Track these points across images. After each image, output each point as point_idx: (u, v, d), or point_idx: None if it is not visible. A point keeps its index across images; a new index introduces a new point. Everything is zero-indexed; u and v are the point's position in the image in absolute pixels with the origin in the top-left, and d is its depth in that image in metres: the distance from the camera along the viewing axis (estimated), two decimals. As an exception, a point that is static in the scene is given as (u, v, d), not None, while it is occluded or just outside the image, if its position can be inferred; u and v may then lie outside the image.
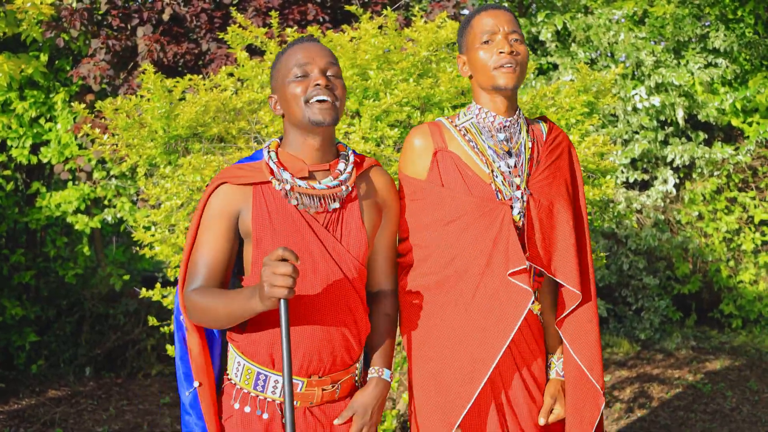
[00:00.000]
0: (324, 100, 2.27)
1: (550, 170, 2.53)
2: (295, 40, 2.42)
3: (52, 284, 7.07)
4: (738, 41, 7.56)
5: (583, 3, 7.80)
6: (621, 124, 7.51)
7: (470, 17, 2.54)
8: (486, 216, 2.42)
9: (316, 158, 2.35)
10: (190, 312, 2.27)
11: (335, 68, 2.34)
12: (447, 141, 2.51)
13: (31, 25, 5.68)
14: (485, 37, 2.45)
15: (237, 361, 2.34)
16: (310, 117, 2.27)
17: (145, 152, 4.02)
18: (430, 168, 2.49)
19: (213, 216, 2.29)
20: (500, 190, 2.45)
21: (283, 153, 2.36)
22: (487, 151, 2.48)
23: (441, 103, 3.75)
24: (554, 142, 2.59)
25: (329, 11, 5.86)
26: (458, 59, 2.59)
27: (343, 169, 2.36)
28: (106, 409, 5.99)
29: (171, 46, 5.45)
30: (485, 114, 2.51)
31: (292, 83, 2.30)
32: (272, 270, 2.01)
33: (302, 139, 2.33)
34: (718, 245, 8.20)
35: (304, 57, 2.31)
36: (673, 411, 5.99)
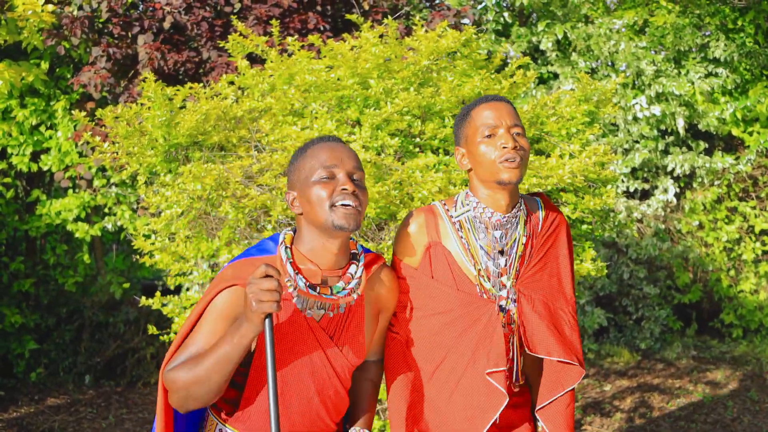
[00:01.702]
0: (349, 206, 2.20)
1: (540, 264, 2.51)
2: (320, 138, 2.34)
3: (52, 292, 7.06)
4: (738, 51, 7.57)
5: (583, 12, 7.82)
6: (621, 134, 7.51)
7: (469, 109, 2.48)
8: (473, 312, 2.42)
9: (331, 263, 2.29)
10: (172, 390, 2.16)
11: (361, 173, 2.28)
12: (441, 235, 2.48)
13: (32, 32, 5.69)
14: (487, 131, 2.40)
15: (218, 428, 2.31)
16: (334, 221, 2.19)
17: (145, 160, 4.01)
18: (422, 258, 2.47)
19: (217, 314, 2.20)
20: (485, 290, 2.44)
21: (297, 253, 2.29)
22: (478, 252, 2.46)
23: (441, 112, 3.75)
24: (549, 229, 2.56)
25: (330, 20, 5.86)
26: (456, 151, 2.52)
27: (353, 273, 2.31)
28: (106, 417, 5.97)
29: (172, 55, 5.45)
30: (482, 209, 2.47)
31: (318, 185, 2.22)
32: (258, 287, 1.99)
33: (320, 242, 2.27)
34: (719, 255, 8.20)
35: (330, 159, 2.24)
36: (674, 421, 5.97)
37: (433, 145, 3.77)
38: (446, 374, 2.44)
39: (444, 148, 3.77)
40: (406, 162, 3.57)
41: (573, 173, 3.47)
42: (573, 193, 3.73)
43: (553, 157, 3.61)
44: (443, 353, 2.44)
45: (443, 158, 3.62)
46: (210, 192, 3.65)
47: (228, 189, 3.62)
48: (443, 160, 3.61)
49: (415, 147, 3.76)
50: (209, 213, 3.83)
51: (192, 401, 2.14)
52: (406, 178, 3.41)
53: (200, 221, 3.90)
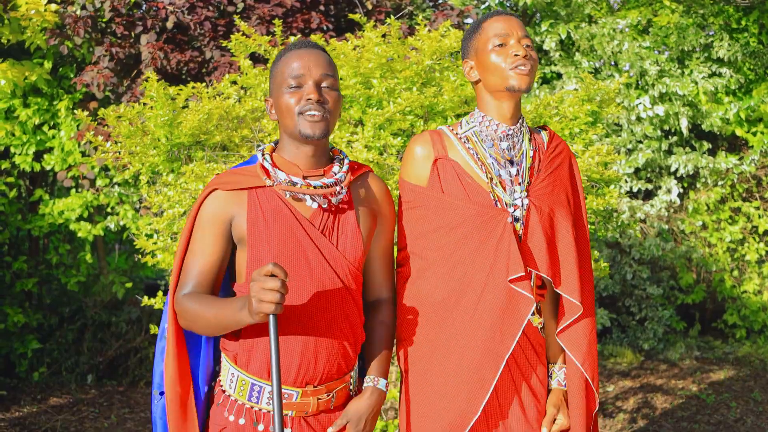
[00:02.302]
0: (315, 114, 2.26)
1: (550, 178, 2.52)
2: (294, 44, 2.39)
3: (55, 292, 7.06)
4: (742, 51, 7.55)
5: (587, 12, 7.80)
6: (625, 134, 7.50)
7: (480, 21, 2.53)
8: (487, 223, 2.41)
9: (310, 164, 2.35)
10: (180, 316, 2.26)
11: (330, 79, 2.32)
12: (448, 149, 2.50)
13: (35, 32, 5.69)
14: (498, 41, 2.44)
15: (231, 372, 2.31)
16: (301, 130, 2.27)
17: (147, 160, 4.01)
18: (431, 175, 2.48)
19: (206, 222, 2.28)
20: (499, 199, 2.44)
21: (278, 157, 2.36)
22: (488, 160, 2.47)
23: (444, 111, 3.75)
24: (555, 150, 2.58)
25: (333, 20, 5.86)
26: (464, 63, 2.57)
27: (337, 171, 2.36)
28: (108, 417, 5.97)
29: (174, 54, 5.45)
30: (488, 122, 2.50)
31: (286, 94, 2.30)
32: (261, 285, 1.99)
33: (295, 147, 2.34)
34: (722, 255, 8.18)
35: (299, 67, 2.29)
36: (677, 422, 5.96)
37: (435, 144, 3.75)
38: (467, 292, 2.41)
39: (447, 148, 3.76)
40: (409, 162, 3.56)
41: (576, 173, 3.46)
42: (576, 193, 3.72)
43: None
44: (461, 270, 2.42)
45: (446, 158, 3.61)
46: (212, 192, 3.64)
47: (230, 189, 3.61)
48: (446, 160, 3.60)
49: (417, 147, 3.75)
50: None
51: (197, 329, 2.25)
52: (408, 178, 3.40)
53: (202, 221, 3.89)
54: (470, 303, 2.41)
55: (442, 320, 2.44)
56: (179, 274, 2.30)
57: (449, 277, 2.43)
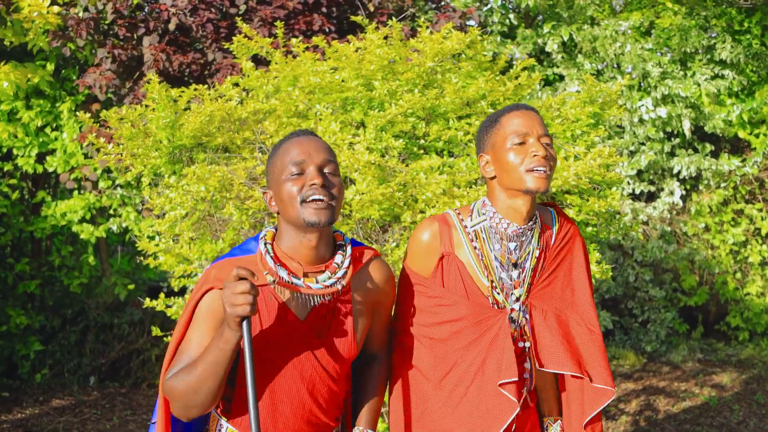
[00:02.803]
0: (320, 200, 2.17)
1: (552, 277, 2.51)
2: (291, 134, 2.31)
3: (57, 293, 7.07)
4: (745, 53, 7.55)
5: (589, 14, 7.80)
6: (627, 136, 7.49)
7: (498, 116, 2.45)
8: (483, 323, 2.41)
9: (311, 258, 2.25)
10: (173, 400, 2.16)
11: (333, 165, 2.24)
12: (455, 245, 2.46)
13: (38, 34, 5.70)
14: (517, 139, 2.37)
15: (219, 424, 2.31)
16: (306, 218, 2.17)
17: (149, 162, 4.01)
18: (435, 269, 2.46)
19: (204, 315, 2.21)
20: (497, 302, 2.44)
21: (278, 250, 2.27)
22: (493, 262, 2.44)
23: (446, 114, 3.74)
24: (562, 242, 2.54)
25: (335, 21, 5.86)
26: (480, 158, 2.48)
27: (340, 263, 2.28)
28: (110, 419, 5.97)
29: (177, 56, 5.46)
30: (499, 220, 2.44)
31: (288, 182, 2.20)
32: (231, 291, 1.99)
33: (298, 240, 2.24)
34: (725, 257, 8.17)
35: (300, 154, 2.21)
36: (680, 424, 5.94)
37: (437, 146, 3.76)
38: (453, 384, 2.43)
39: (448, 150, 3.76)
40: (411, 164, 3.56)
41: (578, 175, 3.45)
42: (578, 196, 3.71)
43: (558, 159, 3.59)
44: (451, 362, 2.43)
45: (447, 160, 3.61)
46: (214, 194, 3.65)
47: (232, 191, 3.61)
48: (447, 162, 3.60)
49: (419, 149, 3.75)
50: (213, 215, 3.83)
51: (192, 409, 2.14)
52: (410, 180, 3.40)
53: (204, 223, 3.89)
54: (456, 396, 2.42)
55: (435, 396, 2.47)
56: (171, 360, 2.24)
57: (441, 363, 2.44)
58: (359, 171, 3.40)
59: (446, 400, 2.43)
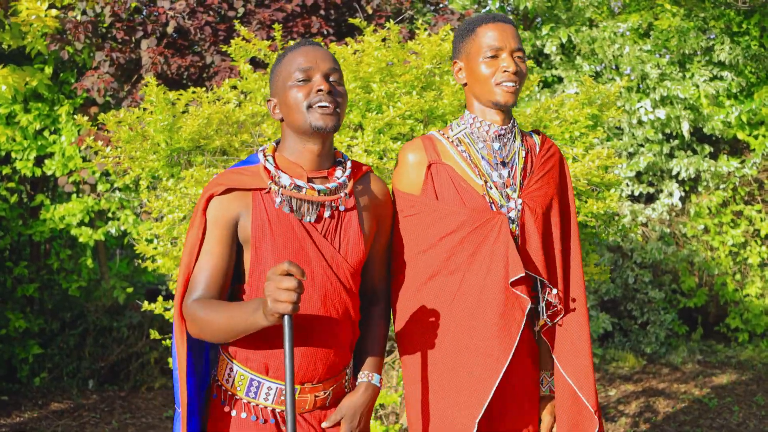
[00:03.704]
0: (326, 106, 2.23)
1: (543, 180, 2.51)
2: (296, 43, 2.35)
3: (56, 297, 7.06)
4: (743, 54, 7.55)
5: (587, 16, 7.80)
6: (626, 137, 7.50)
7: (474, 25, 2.47)
8: (483, 227, 2.39)
9: (314, 164, 2.31)
10: (189, 324, 2.19)
11: (337, 74, 2.30)
12: (440, 153, 2.47)
13: (36, 37, 5.69)
14: (490, 52, 2.41)
15: (229, 367, 2.30)
16: (312, 122, 2.22)
17: (147, 165, 4.01)
18: (425, 182, 2.46)
19: (212, 223, 2.24)
20: (494, 201, 2.43)
21: (280, 158, 2.32)
22: (481, 162, 2.45)
23: (444, 116, 3.74)
24: (548, 152, 2.57)
25: (333, 24, 5.86)
26: (453, 64, 2.53)
27: (340, 176, 2.33)
28: (109, 422, 5.96)
29: (175, 59, 5.45)
30: (480, 123, 2.48)
31: (294, 87, 2.25)
32: (276, 285, 1.94)
33: (302, 145, 2.29)
34: (724, 259, 8.17)
35: (306, 61, 2.26)
36: (679, 426, 5.94)
37: (435, 149, 3.75)
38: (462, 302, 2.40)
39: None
40: (409, 166, 3.55)
41: (576, 177, 3.45)
42: (576, 197, 3.71)
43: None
44: (459, 276, 2.40)
45: (446, 162, 3.60)
46: (212, 196, 3.64)
47: (230, 193, 3.60)
48: (446, 164, 3.59)
49: (417, 151, 3.74)
50: (211, 217, 3.82)
51: (207, 337, 2.19)
52: (408, 182, 3.39)
53: (202, 226, 3.88)
54: (469, 309, 2.39)
55: (443, 328, 2.42)
56: (186, 281, 2.25)
57: (447, 283, 2.42)
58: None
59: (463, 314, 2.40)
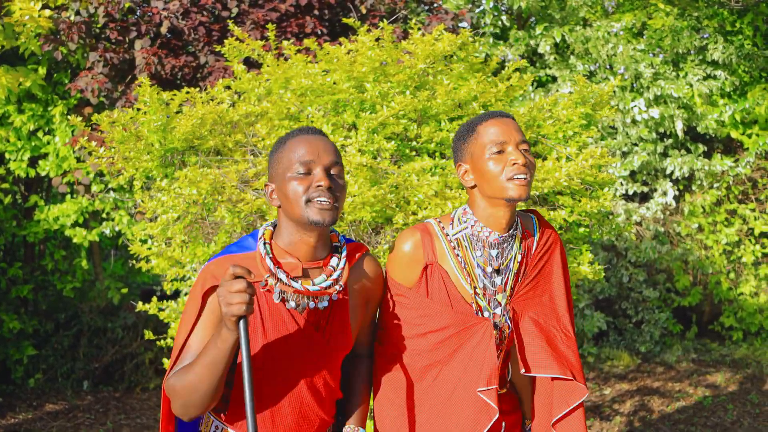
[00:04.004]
0: (325, 201, 2.20)
1: (534, 281, 2.52)
2: (299, 129, 2.33)
3: (50, 298, 7.05)
4: (737, 53, 7.56)
5: (581, 15, 7.81)
6: (620, 136, 7.51)
7: (474, 124, 2.44)
8: (466, 331, 2.42)
9: (310, 255, 2.29)
10: (173, 398, 2.17)
11: (338, 167, 2.27)
12: (438, 255, 2.46)
13: (30, 38, 5.68)
14: (496, 148, 2.37)
15: (215, 425, 2.33)
16: (310, 217, 2.20)
17: (141, 165, 4.00)
18: (419, 279, 2.45)
19: (206, 314, 2.23)
20: (480, 308, 2.45)
21: (276, 247, 2.30)
22: (475, 270, 2.45)
23: (438, 115, 3.74)
24: (543, 249, 2.55)
25: (327, 24, 5.86)
26: (458, 167, 2.48)
27: (335, 264, 2.31)
28: (104, 423, 5.96)
29: (169, 59, 5.45)
30: (481, 228, 2.44)
31: (294, 180, 2.22)
32: (227, 289, 1.97)
33: (298, 236, 2.27)
34: (718, 257, 8.19)
35: (308, 153, 2.23)
36: (674, 424, 5.95)
37: (429, 148, 3.76)
38: (438, 390, 2.44)
39: (440, 152, 3.76)
40: (403, 165, 3.56)
41: (570, 176, 3.46)
42: (570, 196, 3.72)
43: (550, 160, 3.60)
44: (436, 370, 2.44)
45: (439, 162, 3.61)
46: (206, 197, 3.64)
47: (224, 194, 3.61)
48: (439, 164, 3.60)
49: (411, 150, 3.75)
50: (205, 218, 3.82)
51: (192, 408, 2.14)
52: (402, 181, 3.40)
53: (196, 226, 3.89)
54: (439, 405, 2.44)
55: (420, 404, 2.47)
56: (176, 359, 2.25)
57: (426, 373, 2.46)
58: (351, 173, 3.40)
59: (431, 405, 2.44)
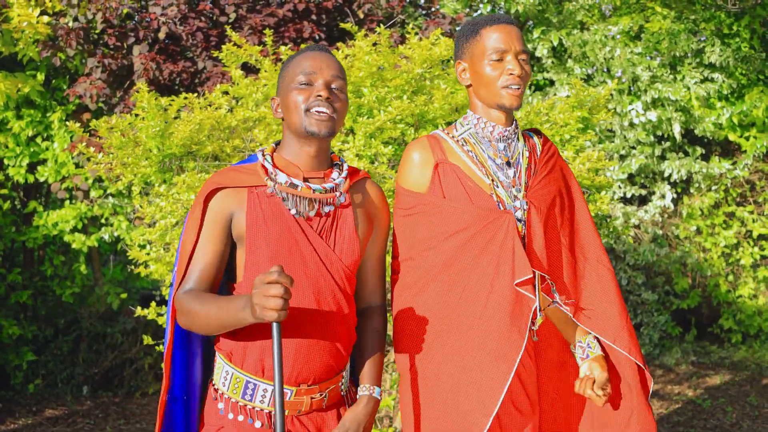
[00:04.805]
0: (323, 112, 2.28)
1: (546, 179, 2.52)
2: (306, 47, 2.43)
3: (50, 303, 7.06)
4: (734, 56, 7.58)
5: (579, 19, 7.83)
6: (618, 140, 7.52)
7: (478, 26, 2.47)
8: (490, 226, 2.39)
9: (311, 165, 2.37)
10: (180, 314, 2.24)
11: (340, 82, 2.35)
12: (447, 153, 2.48)
13: (28, 44, 5.70)
14: (495, 55, 2.41)
15: (225, 371, 2.32)
16: (307, 126, 2.28)
17: (139, 171, 4.02)
18: (432, 181, 2.45)
19: (208, 219, 2.29)
20: (501, 200, 2.43)
21: (278, 157, 2.38)
22: (487, 162, 2.46)
23: (435, 120, 3.76)
24: (549, 152, 2.59)
25: (325, 29, 5.88)
26: (457, 64, 2.53)
27: (336, 176, 2.38)
28: (104, 428, 5.96)
29: (167, 65, 5.46)
30: (484, 124, 2.49)
31: (295, 90, 2.31)
32: (264, 293, 1.96)
33: (298, 146, 2.35)
34: (717, 260, 8.20)
35: (311, 66, 2.32)
36: (673, 427, 5.96)
37: (426, 153, 3.77)
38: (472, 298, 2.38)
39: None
40: (400, 170, 3.57)
41: (567, 180, 3.47)
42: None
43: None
44: (465, 277, 2.39)
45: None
46: (204, 202, 3.65)
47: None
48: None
49: (408, 155, 3.76)
50: (204, 223, 3.83)
51: (196, 329, 2.23)
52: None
53: (195, 231, 3.89)
54: (477, 309, 2.38)
55: (448, 328, 2.40)
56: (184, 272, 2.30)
57: (453, 284, 2.41)
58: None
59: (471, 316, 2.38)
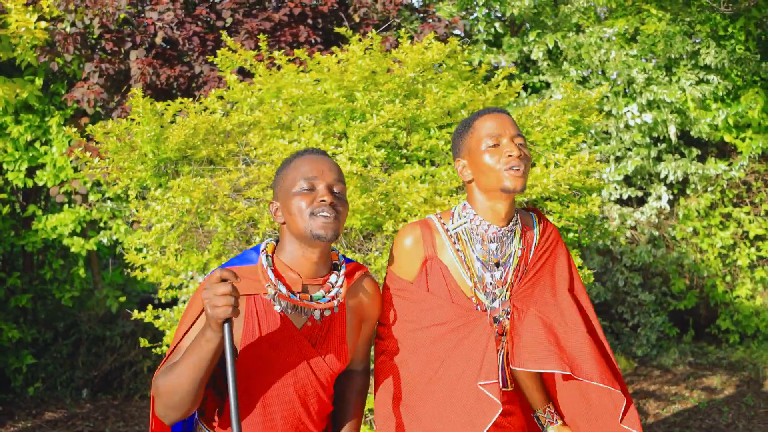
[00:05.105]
0: (327, 216, 2.26)
1: (535, 277, 2.55)
2: (304, 151, 2.41)
3: (49, 307, 7.09)
4: (729, 57, 7.60)
5: (574, 22, 7.86)
6: (614, 141, 7.54)
7: (470, 121, 2.52)
8: (466, 326, 2.45)
9: (311, 272, 2.35)
10: (156, 393, 2.18)
11: (341, 186, 2.35)
12: (437, 248, 2.51)
13: (26, 49, 5.74)
14: (491, 141, 2.43)
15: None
16: (313, 230, 2.26)
17: (135, 175, 4.05)
18: (419, 273, 2.51)
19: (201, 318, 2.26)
20: (480, 303, 2.48)
21: (278, 261, 2.35)
22: (475, 264, 2.49)
23: (427, 123, 3.79)
24: (544, 246, 2.59)
25: (321, 33, 5.91)
26: (456, 162, 2.55)
27: (334, 282, 2.37)
28: (103, 431, 5.99)
29: (164, 69, 5.50)
30: (480, 222, 2.50)
31: (298, 196, 2.29)
32: (213, 292, 2.01)
33: (300, 252, 2.33)
34: (714, 261, 8.22)
35: (312, 170, 2.31)
36: (669, 427, 5.98)
37: (419, 156, 3.80)
38: (440, 385, 2.45)
39: (430, 159, 3.81)
40: (393, 173, 3.60)
41: (558, 182, 3.50)
42: (558, 202, 3.76)
43: (539, 166, 3.64)
44: (437, 365, 2.46)
45: (429, 169, 3.65)
46: (199, 206, 3.69)
47: (216, 203, 3.66)
48: (429, 171, 3.64)
49: (401, 158, 3.80)
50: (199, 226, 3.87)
51: (171, 410, 2.15)
52: (392, 189, 3.44)
53: (190, 235, 3.93)
54: (442, 395, 2.45)
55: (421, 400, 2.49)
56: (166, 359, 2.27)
57: (426, 367, 2.48)
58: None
59: (433, 402, 2.45)
